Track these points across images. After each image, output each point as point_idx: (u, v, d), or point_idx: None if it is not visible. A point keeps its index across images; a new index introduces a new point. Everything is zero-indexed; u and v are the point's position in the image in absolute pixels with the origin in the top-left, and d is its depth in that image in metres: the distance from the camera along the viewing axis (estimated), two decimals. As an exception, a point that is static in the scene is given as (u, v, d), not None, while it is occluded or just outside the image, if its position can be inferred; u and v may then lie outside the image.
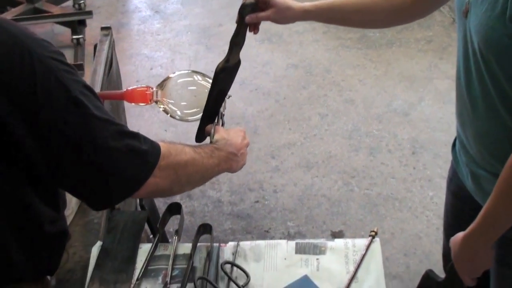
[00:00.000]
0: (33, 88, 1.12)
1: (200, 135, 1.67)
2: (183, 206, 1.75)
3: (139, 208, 2.20)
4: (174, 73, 1.84)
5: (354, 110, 3.89)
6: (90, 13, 4.49)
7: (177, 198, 3.20)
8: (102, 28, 2.66)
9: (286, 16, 1.73)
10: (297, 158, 3.51)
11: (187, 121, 1.81)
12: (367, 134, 3.68)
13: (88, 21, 4.53)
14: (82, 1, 5.02)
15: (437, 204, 3.09)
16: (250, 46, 4.50)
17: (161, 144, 1.33)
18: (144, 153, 1.27)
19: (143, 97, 1.80)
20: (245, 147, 1.62)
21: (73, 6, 4.99)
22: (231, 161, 1.55)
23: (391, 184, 3.30)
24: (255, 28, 1.72)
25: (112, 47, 2.59)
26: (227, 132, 1.61)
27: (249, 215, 3.13)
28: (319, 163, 3.46)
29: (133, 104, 1.89)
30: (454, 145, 1.73)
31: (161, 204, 2.85)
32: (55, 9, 4.56)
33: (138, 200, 2.35)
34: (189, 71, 1.86)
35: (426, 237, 2.95)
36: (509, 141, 1.38)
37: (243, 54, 1.66)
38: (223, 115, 1.71)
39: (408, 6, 1.72)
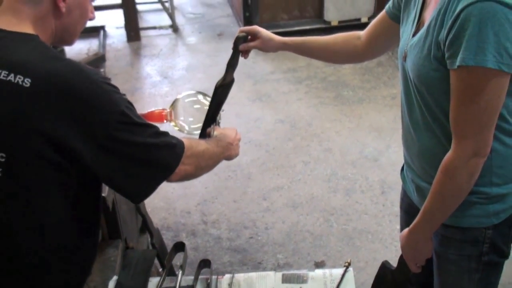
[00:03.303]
0: (91, 105, 1.23)
1: (203, 136, 1.76)
2: (188, 242, 1.77)
3: (150, 247, 2.21)
4: (181, 94, 1.93)
5: (332, 158, 3.91)
6: (109, 79, 4.53)
7: (183, 236, 3.20)
8: (118, 94, 2.69)
9: (269, 46, 1.88)
10: (285, 200, 3.51)
11: (193, 135, 1.87)
12: (343, 177, 3.69)
13: (107, 87, 4.57)
14: (102, 70, 5.05)
15: (404, 236, 3.08)
16: (244, 105, 4.55)
17: (183, 139, 1.45)
18: (174, 146, 1.39)
19: (159, 117, 1.88)
20: (238, 140, 1.75)
21: (95, 74, 5.03)
22: (229, 150, 1.68)
23: (365, 220, 3.30)
24: (245, 54, 1.86)
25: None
26: (223, 129, 1.74)
27: (245, 249, 3.12)
28: (303, 203, 3.46)
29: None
30: (402, 169, 1.79)
31: (169, 242, 2.86)
32: (80, 77, 4.59)
33: (149, 239, 2.36)
34: (194, 92, 1.94)
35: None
36: (444, 154, 1.44)
37: (239, 111, 1.74)
38: (219, 122, 1.81)
39: (359, 49, 1.88)
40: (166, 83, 5.13)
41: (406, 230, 1.59)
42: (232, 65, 1.78)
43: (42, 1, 1.31)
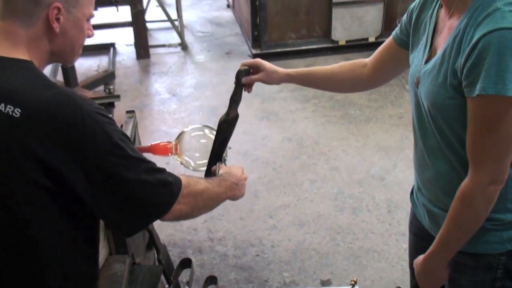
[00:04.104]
0: (83, 136, 1.20)
1: (208, 175, 1.71)
2: (194, 259, 1.76)
3: (156, 263, 2.20)
4: (187, 127, 1.89)
5: (339, 176, 3.91)
6: (118, 96, 4.56)
7: (189, 253, 3.20)
8: (127, 112, 2.71)
9: (273, 78, 1.84)
10: (291, 218, 3.51)
11: (199, 171, 1.82)
12: (350, 196, 3.69)
13: (116, 103, 4.60)
14: (111, 87, 5.09)
15: (410, 255, 3.07)
16: (252, 123, 4.56)
17: (181, 177, 1.39)
18: (170, 184, 1.34)
19: (164, 150, 1.84)
20: (244, 180, 1.67)
21: (104, 90, 5.06)
22: (234, 189, 1.60)
23: (371, 239, 3.29)
24: (249, 87, 1.82)
25: (135, 126, 2.63)
26: (229, 168, 1.68)
27: (251, 267, 3.11)
28: (310, 222, 3.46)
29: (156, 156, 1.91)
30: (412, 192, 1.77)
31: (176, 259, 2.86)
32: (89, 93, 4.62)
33: (156, 255, 2.36)
34: (201, 126, 1.90)
35: (401, 284, 2.91)
36: (458, 181, 1.43)
37: (246, 129, 1.72)
38: (225, 159, 1.76)
39: (365, 77, 1.84)
40: (174, 101, 5.15)
41: (421, 257, 1.57)
42: (235, 100, 1.74)
43: (35, 22, 1.27)
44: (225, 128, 1.72)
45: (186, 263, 1.76)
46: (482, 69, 1.25)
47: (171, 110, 4.99)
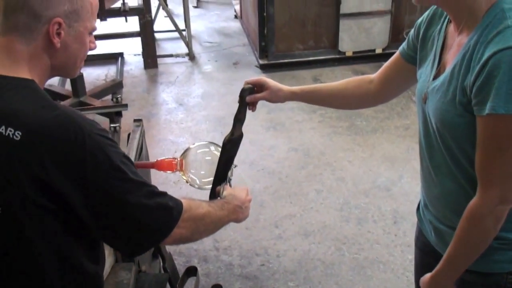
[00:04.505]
0: (83, 158, 1.20)
1: (212, 195, 1.70)
2: (199, 268, 1.77)
3: (162, 271, 2.21)
4: (193, 144, 1.87)
5: (345, 187, 3.91)
6: (125, 105, 4.57)
7: (194, 262, 3.20)
8: (135, 120, 2.73)
9: (278, 97, 1.82)
10: (297, 228, 3.51)
11: (204, 189, 1.80)
12: (355, 206, 3.69)
13: (123, 112, 4.62)
14: (119, 96, 5.11)
15: (415, 266, 3.06)
16: (258, 133, 4.58)
17: (182, 200, 1.38)
18: (170, 209, 1.33)
19: (169, 166, 1.83)
20: (248, 202, 1.65)
21: (112, 99, 5.08)
22: (237, 212, 1.58)
23: (376, 249, 3.29)
24: (253, 106, 1.80)
25: (142, 135, 2.65)
26: (233, 190, 1.66)
27: (256, 276, 3.11)
28: (315, 232, 3.46)
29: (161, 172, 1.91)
30: (418, 207, 1.76)
31: (181, 268, 2.86)
32: (97, 102, 4.64)
33: (161, 263, 2.37)
34: (207, 142, 1.89)
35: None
36: (466, 199, 1.41)
37: (253, 139, 1.72)
38: (230, 179, 1.74)
39: (371, 94, 1.81)
40: (181, 110, 5.18)
41: (427, 275, 1.54)
42: (239, 119, 1.72)
43: (36, 38, 1.25)
44: (230, 148, 1.70)
45: (191, 271, 1.76)
46: (492, 88, 1.24)
47: (178, 119, 5.01)
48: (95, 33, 1.42)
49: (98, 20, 1.48)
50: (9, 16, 1.25)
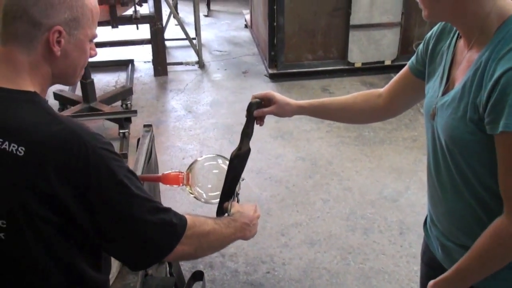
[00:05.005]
0: (87, 172, 1.20)
1: (220, 211, 1.69)
2: (205, 274, 1.77)
3: (168, 275, 2.23)
4: (201, 156, 1.86)
5: (351, 197, 3.92)
6: (135, 112, 4.62)
7: (200, 268, 3.21)
8: (145, 125, 2.74)
9: (285, 111, 1.83)
10: (303, 236, 3.52)
11: (211, 203, 1.79)
12: (362, 216, 3.69)
13: (132, 118, 4.66)
14: (128, 102, 5.16)
15: (421, 277, 3.06)
16: (266, 141, 4.60)
17: (187, 216, 1.38)
18: (174, 225, 1.32)
19: (175, 180, 1.82)
20: (256, 219, 1.64)
21: (121, 105, 5.12)
22: (244, 230, 1.57)
23: (382, 260, 3.29)
24: (260, 120, 1.81)
25: (152, 141, 2.67)
26: (241, 206, 1.64)
27: (261, 284, 3.12)
28: (321, 241, 3.47)
29: (167, 186, 1.90)
30: (425, 222, 1.75)
31: (187, 273, 2.87)
32: (106, 108, 4.69)
33: (167, 268, 2.38)
34: (214, 155, 1.88)
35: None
36: (472, 217, 1.42)
37: (260, 148, 1.72)
38: (238, 194, 1.72)
39: (380, 108, 1.81)
40: (190, 118, 5.20)
41: (431, 282, 1.51)
42: (247, 133, 1.72)
43: (36, 47, 1.24)
44: (237, 164, 1.69)
45: (198, 275, 1.77)
46: (506, 105, 1.22)
47: (187, 126, 5.03)
48: (105, 40, 1.42)
49: (108, 27, 1.48)
50: (8, 25, 1.24)
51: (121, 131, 4.55)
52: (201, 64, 6.42)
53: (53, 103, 4.86)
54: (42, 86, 1.30)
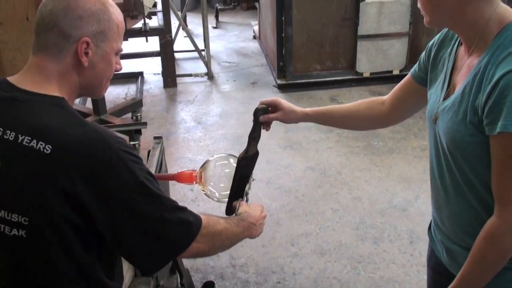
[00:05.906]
0: (109, 172, 1.25)
1: (228, 210, 1.75)
2: (216, 285, 1.79)
3: (179, 286, 2.24)
4: (213, 156, 1.91)
5: (361, 206, 3.92)
6: (145, 124, 4.64)
7: (211, 278, 3.22)
8: (155, 137, 2.77)
9: (291, 118, 1.86)
10: (313, 246, 3.52)
11: (223, 202, 1.82)
12: (371, 226, 3.70)
13: (143, 130, 4.68)
14: (138, 114, 5.19)
15: (431, 287, 3.06)
16: (275, 152, 4.61)
17: (202, 216, 1.43)
18: (190, 224, 1.37)
19: (189, 178, 1.86)
20: (263, 219, 1.69)
21: (131, 117, 5.15)
22: (251, 229, 1.62)
23: (392, 269, 3.29)
24: (267, 126, 1.85)
25: (162, 152, 2.69)
26: (248, 207, 1.70)
27: (272, 293, 3.13)
28: (331, 250, 3.47)
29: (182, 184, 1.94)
30: (429, 227, 1.77)
31: (198, 284, 2.89)
32: (117, 120, 4.72)
33: (179, 279, 2.39)
34: (226, 155, 1.92)
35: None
36: (476, 220, 1.43)
37: (270, 158, 1.75)
38: (247, 193, 1.77)
39: (384, 115, 1.85)
40: (199, 129, 5.23)
41: None
42: (254, 137, 1.77)
43: (65, 56, 1.32)
44: (244, 165, 1.74)
45: (209, 286, 1.78)
46: (504, 107, 1.25)
47: (196, 138, 5.06)
48: (117, 53, 1.47)
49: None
50: (41, 36, 1.32)
51: (131, 143, 4.57)
52: (210, 75, 6.46)
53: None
54: (69, 95, 1.36)
